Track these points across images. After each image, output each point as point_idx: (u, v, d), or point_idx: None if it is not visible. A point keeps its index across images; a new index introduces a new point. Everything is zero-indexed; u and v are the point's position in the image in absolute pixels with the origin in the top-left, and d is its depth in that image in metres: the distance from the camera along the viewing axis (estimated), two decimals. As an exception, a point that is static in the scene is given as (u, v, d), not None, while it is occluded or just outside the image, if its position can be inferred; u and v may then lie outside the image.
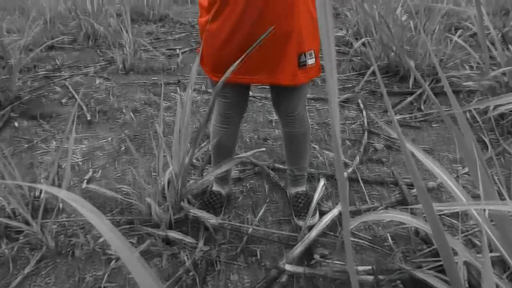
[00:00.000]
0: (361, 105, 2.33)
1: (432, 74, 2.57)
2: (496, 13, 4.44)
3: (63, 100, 2.54)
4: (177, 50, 3.48)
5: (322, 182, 1.53)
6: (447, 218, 1.45)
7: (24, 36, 2.98)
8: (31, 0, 4.80)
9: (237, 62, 1.05)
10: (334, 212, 1.42)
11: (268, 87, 1.59)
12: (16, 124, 2.22)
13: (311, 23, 1.18)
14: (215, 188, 1.49)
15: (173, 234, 1.29)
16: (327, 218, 1.38)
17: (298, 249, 1.26)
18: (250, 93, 1.36)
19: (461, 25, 3.37)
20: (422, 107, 2.32)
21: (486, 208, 0.79)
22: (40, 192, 1.59)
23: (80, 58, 3.42)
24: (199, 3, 1.21)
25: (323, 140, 2.00)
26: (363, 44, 2.88)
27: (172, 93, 2.61)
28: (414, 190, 1.57)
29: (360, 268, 1.18)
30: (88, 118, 2.23)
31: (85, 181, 1.69)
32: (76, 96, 2.56)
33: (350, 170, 1.69)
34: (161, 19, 4.73)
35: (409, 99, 2.39)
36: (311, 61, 1.19)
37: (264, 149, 1.43)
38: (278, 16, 1.10)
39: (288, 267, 1.17)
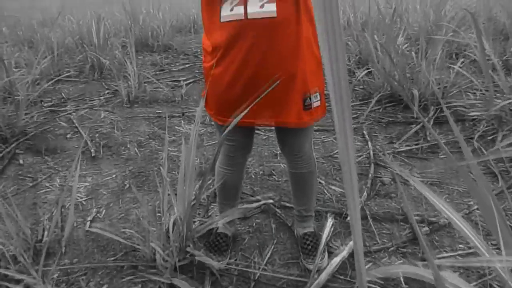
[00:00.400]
0: (366, 136, 2.31)
1: (436, 103, 2.56)
2: (496, 38, 4.49)
3: (68, 135, 2.55)
4: (181, 81, 3.52)
5: (330, 221, 1.50)
6: (461, 258, 1.40)
7: (32, 72, 3.03)
8: (40, 34, 4.94)
9: (243, 113, 1.05)
10: (344, 253, 1.37)
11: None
12: (21, 161, 2.22)
13: (315, 64, 1.18)
14: (221, 229, 1.46)
15: (178, 282, 1.25)
16: (337, 260, 1.34)
17: (308, 295, 1.21)
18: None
19: (461, 51, 3.40)
20: (428, 137, 2.30)
21: (508, 264, 0.75)
22: (43, 235, 1.56)
23: (86, 90, 3.47)
24: (203, 49, 1.22)
25: (330, 174, 1.97)
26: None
27: (176, 126, 2.61)
28: (426, 228, 1.52)
29: (374, 317, 1.13)
30: (93, 154, 2.22)
31: (89, 221, 1.66)
32: (81, 130, 2.57)
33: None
34: (165, 49, 4.83)
35: (414, 128, 2.37)
36: (316, 103, 1.18)
37: (271, 201, 1.41)
38: (282, 59, 1.10)
39: (298, 318, 1.11)
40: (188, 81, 3.52)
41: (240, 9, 1.06)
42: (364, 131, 2.39)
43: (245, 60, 1.09)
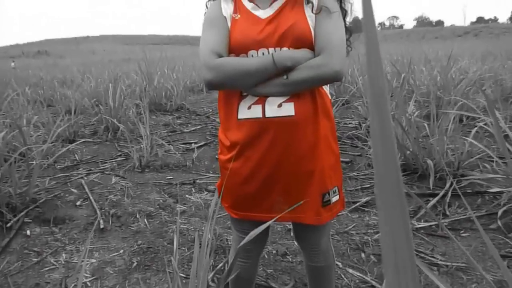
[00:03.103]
0: (383, 210, 2.23)
1: (453, 173, 2.50)
2: (506, 98, 4.52)
3: (78, 203, 2.52)
4: (193, 144, 3.55)
5: (351, 318, 1.38)
6: None
7: (49, 136, 3.10)
8: (60, 93, 5.16)
9: (263, 227, 1.00)
10: None
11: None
12: (28, 231, 2.17)
13: (333, 158, 1.16)
14: (233, 325, 1.35)
15: None
16: None
17: None
18: None
19: (473, 119, 3.40)
20: (447, 212, 2.21)
21: None
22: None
23: (99, 152, 3.52)
24: (219, 141, 1.22)
25: (346, 254, 1.87)
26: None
27: (187, 195, 2.58)
28: (456, 327, 1.39)
29: None
30: (101, 227, 2.17)
31: (92, 308, 1.57)
32: (91, 197, 2.55)
33: (380, 298, 1.54)
34: (177, 109, 4.96)
35: (432, 202, 2.29)
36: (335, 198, 1.15)
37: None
38: (300, 157, 1.09)
39: None
40: (200, 145, 3.55)
41: (258, 108, 1.07)
42: (380, 204, 2.31)
43: (263, 158, 1.08)
